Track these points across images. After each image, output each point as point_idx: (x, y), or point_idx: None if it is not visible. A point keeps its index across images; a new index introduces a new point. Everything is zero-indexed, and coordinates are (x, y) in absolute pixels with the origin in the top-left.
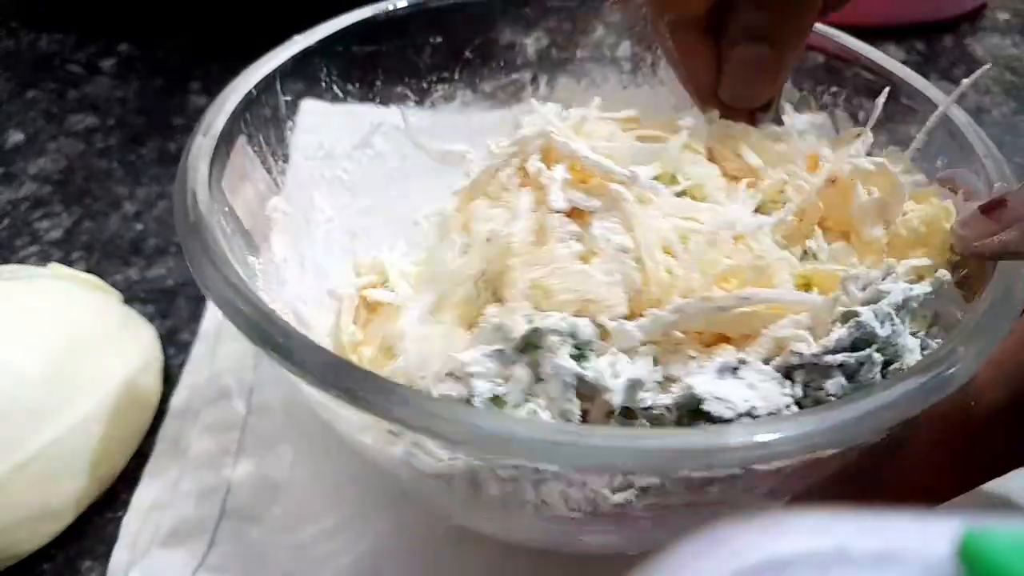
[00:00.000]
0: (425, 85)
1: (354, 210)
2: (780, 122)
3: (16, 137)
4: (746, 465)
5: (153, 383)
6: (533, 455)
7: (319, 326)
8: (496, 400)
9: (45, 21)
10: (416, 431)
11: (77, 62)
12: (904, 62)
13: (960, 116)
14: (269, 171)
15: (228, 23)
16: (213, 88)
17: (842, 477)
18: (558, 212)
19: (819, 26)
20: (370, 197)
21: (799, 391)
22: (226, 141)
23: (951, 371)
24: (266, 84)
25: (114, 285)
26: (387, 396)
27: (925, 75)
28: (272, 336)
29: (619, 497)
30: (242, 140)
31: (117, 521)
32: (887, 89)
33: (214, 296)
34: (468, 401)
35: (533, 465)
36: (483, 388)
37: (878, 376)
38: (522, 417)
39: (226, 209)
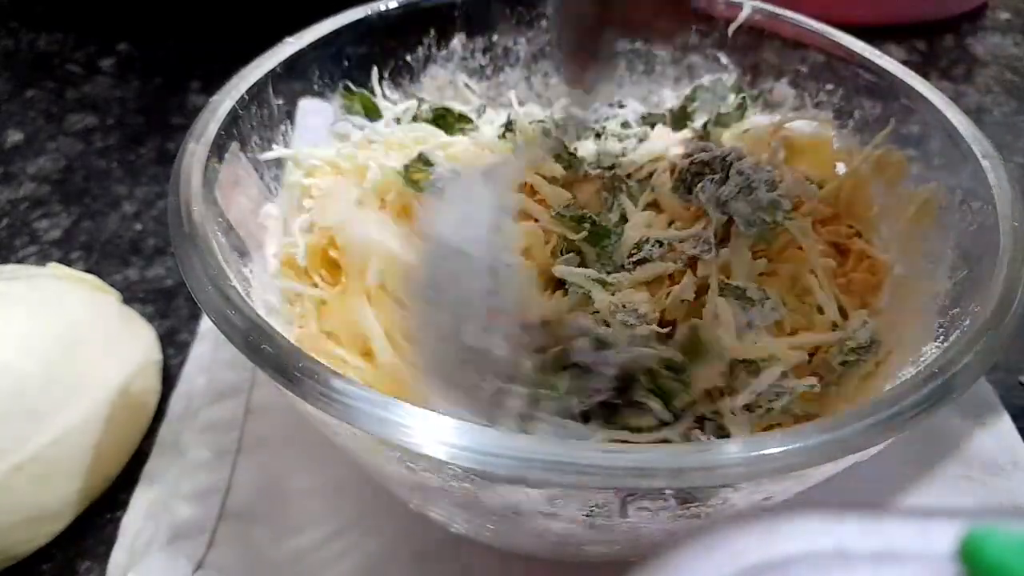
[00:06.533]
0: (418, 85)
1: None
2: None
3: (15, 137)
4: (747, 480)
5: (152, 384)
6: (529, 472)
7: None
8: None
9: (44, 20)
10: (418, 455)
11: (76, 62)
12: (904, 62)
13: (958, 116)
14: (262, 176)
15: (228, 22)
16: (212, 87)
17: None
18: None
19: (819, 25)
20: None
21: None
22: (219, 148)
23: (952, 381)
24: (258, 88)
25: (113, 285)
26: (383, 414)
27: (926, 75)
28: (265, 351)
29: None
30: (235, 146)
31: (116, 522)
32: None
33: (208, 309)
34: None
35: (532, 485)
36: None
37: None
38: (521, 435)
39: (220, 219)
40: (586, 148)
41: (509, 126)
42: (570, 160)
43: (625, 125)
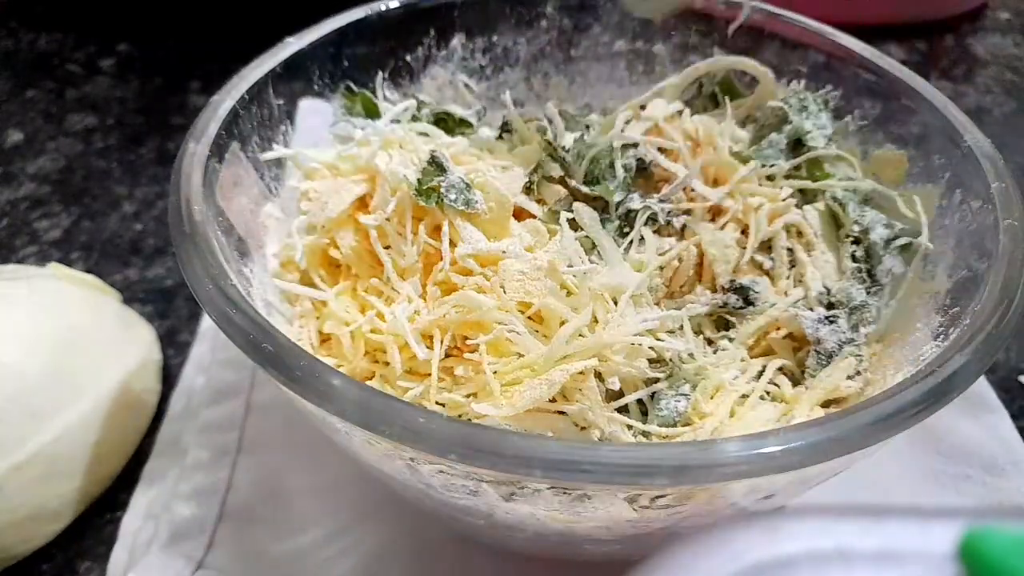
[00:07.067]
0: (418, 86)
1: None
2: None
3: (15, 137)
4: (747, 478)
5: (152, 383)
6: (532, 471)
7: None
8: None
9: (44, 20)
10: (417, 450)
11: (76, 62)
12: (905, 62)
13: (958, 116)
14: (262, 176)
15: (228, 22)
16: (212, 88)
17: None
18: None
19: (819, 25)
20: None
21: None
22: (219, 148)
23: (952, 381)
24: (258, 88)
25: (113, 285)
26: (385, 412)
27: (925, 75)
28: (266, 350)
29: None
30: (235, 146)
31: (116, 522)
32: None
33: (209, 308)
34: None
35: (536, 482)
36: None
37: None
38: (524, 434)
39: (220, 219)
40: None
41: (506, 127)
42: (563, 160)
43: None
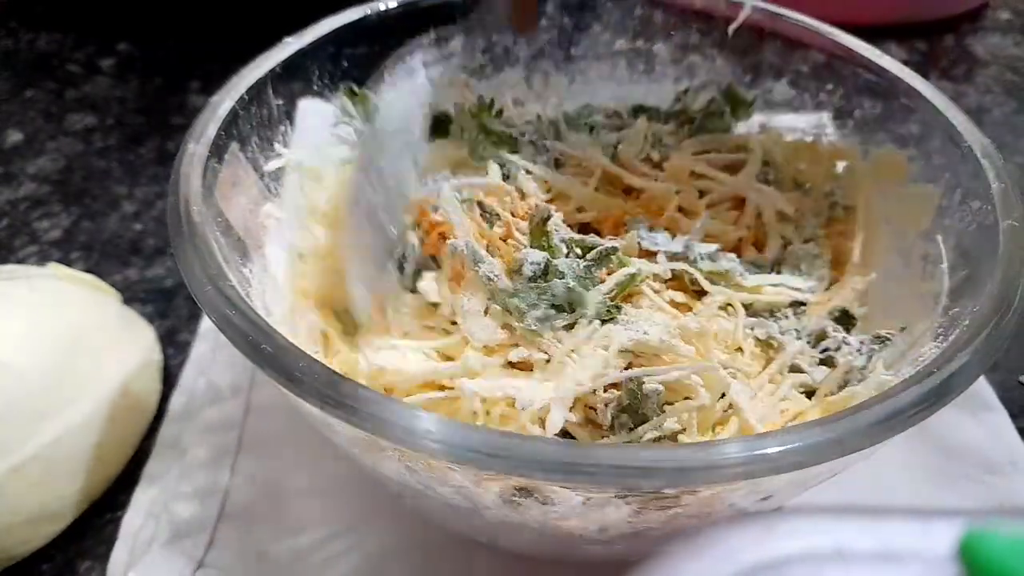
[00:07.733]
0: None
1: None
2: None
3: (15, 137)
4: (748, 478)
5: (152, 384)
6: (532, 472)
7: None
8: None
9: (44, 20)
10: (415, 452)
11: (76, 62)
12: (905, 61)
13: (958, 116)
14: (262, 177)
15: (228, 22)
16: (212, 87)
17: None
18: None
19: (819, 25)
20: None
21: None
22: (218, 148)
23: (951, 381)
24: (258, 88)
25: (113, 285)
26: (384, 413)
27: (925, 74)
28: (265, 351)
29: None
30: (235, 147)
31: (116, 522)
32: None
33: (208, 309)
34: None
35: (532, 483)
36: None
37: None
38: (521, 435)
39: (219, 219)
40: (581, 141)
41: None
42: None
43: (616, 115)
